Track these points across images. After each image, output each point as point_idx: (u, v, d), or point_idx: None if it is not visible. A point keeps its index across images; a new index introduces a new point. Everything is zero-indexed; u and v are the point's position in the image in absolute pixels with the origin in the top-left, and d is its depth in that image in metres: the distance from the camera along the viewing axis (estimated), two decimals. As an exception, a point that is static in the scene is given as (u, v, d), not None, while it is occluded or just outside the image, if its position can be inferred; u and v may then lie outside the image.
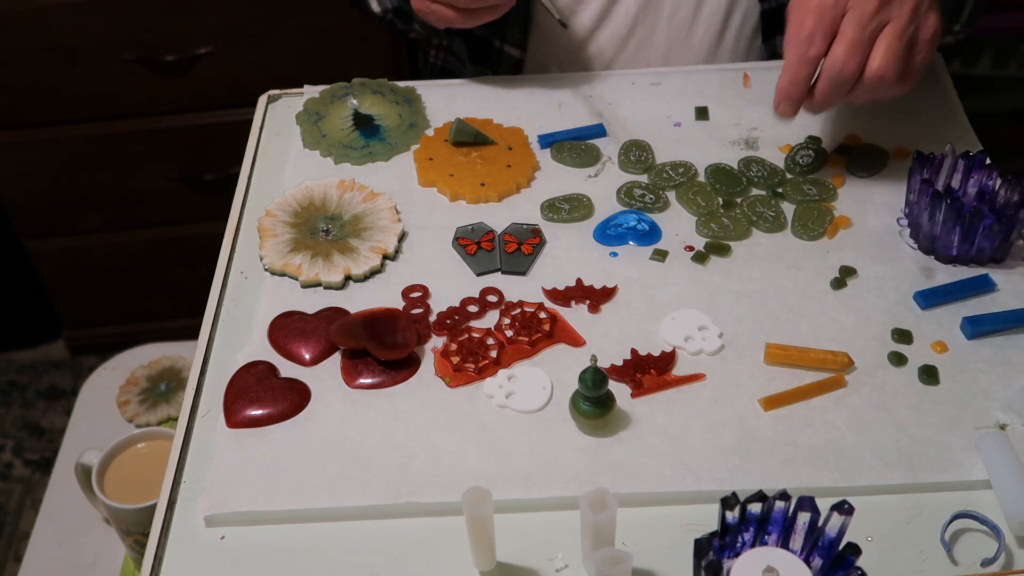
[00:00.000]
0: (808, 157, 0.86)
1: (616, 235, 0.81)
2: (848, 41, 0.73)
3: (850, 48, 0.73)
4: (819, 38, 0.74)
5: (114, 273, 1.87)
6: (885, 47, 0.73)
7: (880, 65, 0.73)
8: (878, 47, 0.74)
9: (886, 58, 0.73)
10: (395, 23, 1.01)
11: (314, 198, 0.84)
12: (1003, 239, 0.76)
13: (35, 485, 1.81)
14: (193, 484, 0.66)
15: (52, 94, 1.64)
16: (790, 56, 0.76)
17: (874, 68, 0.74)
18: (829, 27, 0.74)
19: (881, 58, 0.73)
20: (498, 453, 0.66)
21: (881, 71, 0.74)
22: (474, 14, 0.86)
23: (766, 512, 0.56)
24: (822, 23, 0.74)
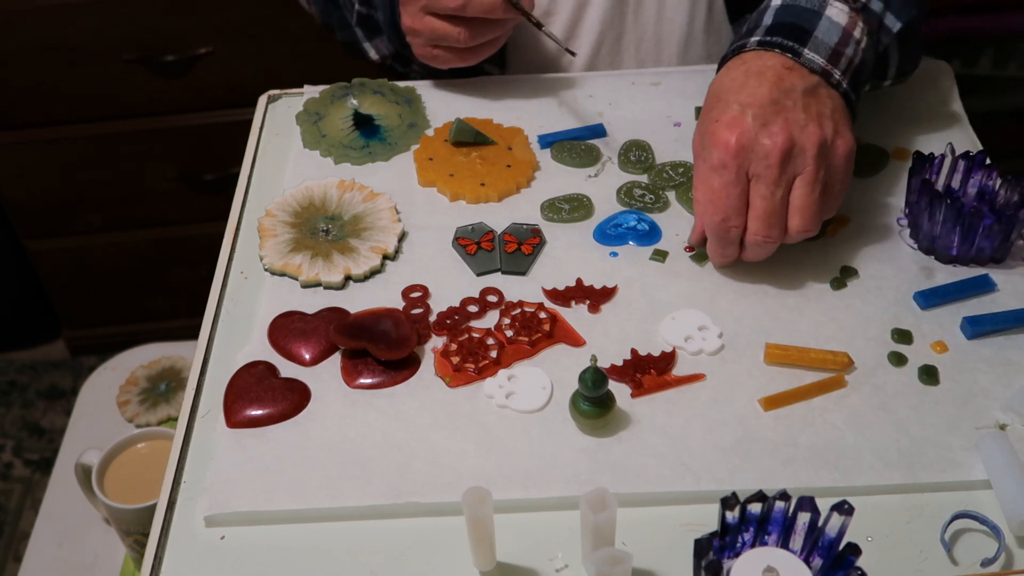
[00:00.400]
0: None
1: (616, 235, 0.81)
2: (761, 216, 0.72)
3: (766, 222, 0.72)
4: (735, 218, 0.73)
5: (114, 273, 1.87)
6: (800, 206, 0.72)
7: (799, 225, 0.72)
8: (793, 208, 0.72)
9: (804, 217, 0.72)
10: (395, 67, 1.01)
11: (314, 198, 0.84)
12: (1003, 239, 0.76)
13: (35, 485, 1.81)
14: (193, 484, 0.66)
15: (52, 94, 1.64)
16: (711, 239, 0.75)
17: (795, 228, 0.73)
18: (738, 202, 0.72)
19: (799, 219, 0.72)
20: (498, 453, 0.66)
21: (801, 228, 0.73)
22: (475, 51, 0.87)
23: (766, 512, 0.56)
24: (729, 201, 0.72)
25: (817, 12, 0.77)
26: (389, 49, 0.98)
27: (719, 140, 0.72)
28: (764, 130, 0.71)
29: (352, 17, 0.97)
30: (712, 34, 0.99)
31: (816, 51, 0.75)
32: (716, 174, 0.72)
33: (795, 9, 0.78)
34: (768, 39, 0.76)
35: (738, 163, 0.71)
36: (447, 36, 0.85)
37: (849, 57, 0.76)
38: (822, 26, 0.76)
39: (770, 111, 0.72)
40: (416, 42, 0.88)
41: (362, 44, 0.99)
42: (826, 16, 0.77)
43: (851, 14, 0.77)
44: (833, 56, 0.76)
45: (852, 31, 0.77)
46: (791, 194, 0.72)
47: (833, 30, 0.76)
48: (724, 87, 0.75)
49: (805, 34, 0.76)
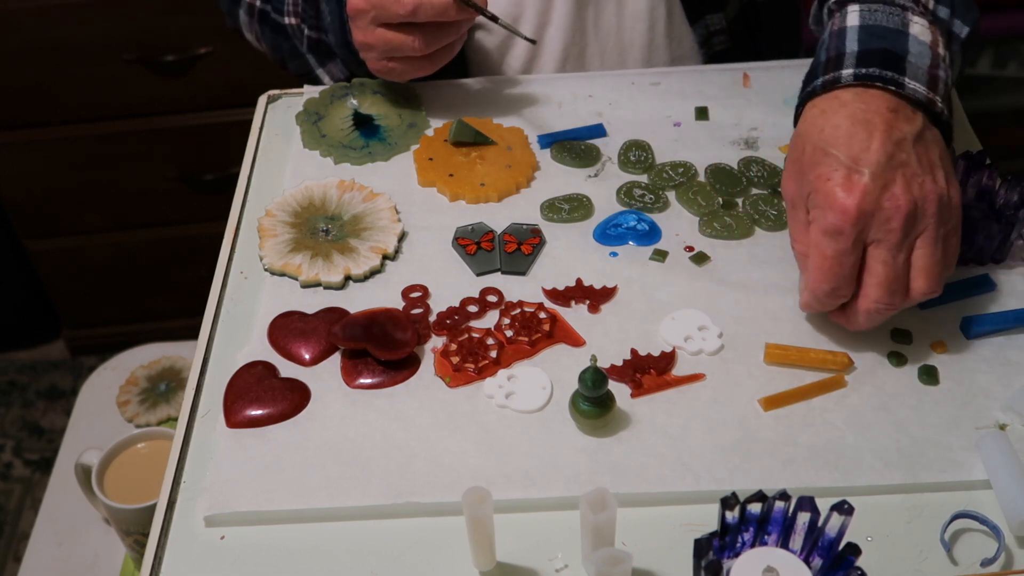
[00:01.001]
0: None
1: (616, 235, 0.81)
2: (883, 284, 0.66)
3: (888, 290, 0.67)
4: (844, 287, 0.67)
5: (114, 273, 1.87)
6: (923, 266, 0.67)
7: (923, 287, 0.67)
8: (916, 269, 0.67)
9: (928, 278, 0.67)
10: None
11: (314, 198, 0.84)
12: (1003, 239, 0.76)
13: (35, 485, 1.81)
14: (193, 484, 0.66)
15: (52, 94, 1.65)
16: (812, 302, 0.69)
17: (919, 291, 0.67)
18: (852, 272, 0.67)
19: (923, 280, 0.67)
20: (498, 453, 0.66)
21: (926, 290, 0.67)
22: (432, 59, 0.84)
23: (766, 512, 0.56)
24: (842, 271, 0.66)
25: (903, 32, 0.71)
26: (344, 73, 0.96)
27: (836, 203, 0.66)
28: (885, 192, 0.66)
29: (303, 44, 0.95)
30: (674, 39, 0.98)
31: (916, 79, 0.69)
32: (831, 240, 0.66)
33: (880, 31, 0.71)
34: (864, 71, 0.70)
35: (857, 230, 0.66)
36: (401, 46, 0.82)
37: (944, 80, 0.71)
38: (913, 48, 0.70)
39: (888, 169, 0.66)
40: (370, 56, 0.85)
41: (315, 71, 0.97)
42: (912, 36, 0.71)
43: (931, 27, 0.72)
44: (932, 82, 0.70)
45: (937, 48, 0.71)
46: (912, 255, 0.67)
47: (924, 51, 0.71)
48: (827, 138, 0.68)
49: (900, 60, 0.70)
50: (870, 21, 0.73)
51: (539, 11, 0.95)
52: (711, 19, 0.96)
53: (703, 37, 0.98)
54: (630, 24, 0.97)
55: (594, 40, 0.97)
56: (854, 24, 0.73)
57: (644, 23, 0.97)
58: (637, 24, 0.97)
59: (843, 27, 0.74)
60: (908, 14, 0.72)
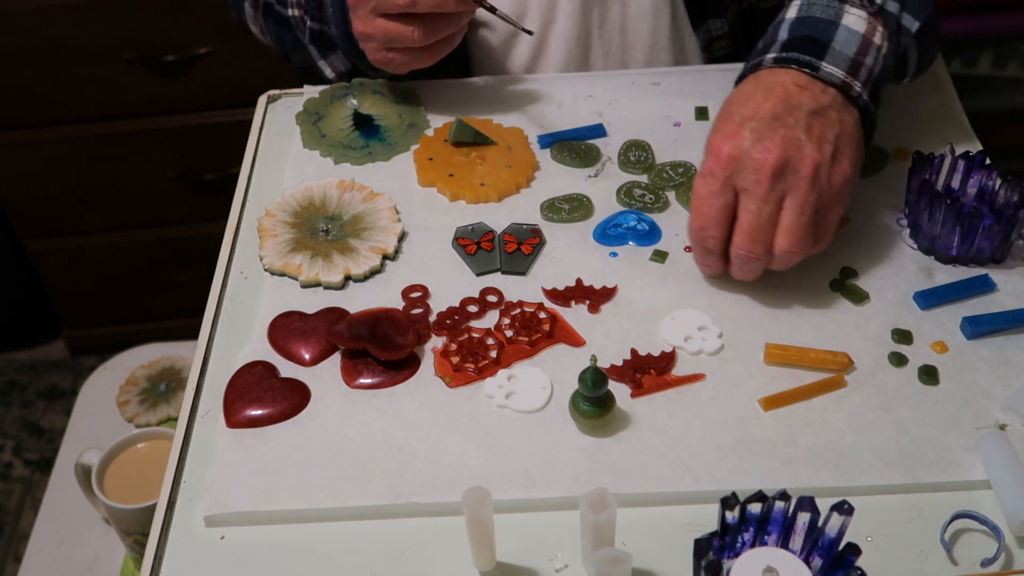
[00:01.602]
0: None
1: (616, 235, 0.81)
2: (745, 231, 0.70)
3: (749, 237, 0.70)
4: (713, 229, 0.71)
5: (114, 273, 1.87)
6: (787, 226, 0.70)
7: (784, 245, 0.70)
8: (780, 227, 0.70)
9: (790, 238, 0.70)
10: None
11: (314, 198, 0.84)
12: (1003, 239, 0.76)
13: (35, 485, 1.81)
14: (193, 484, 0.66)
15: (52, 94, 1.64)
16: (692, 246, 0.75)
17: (780, 248, 0.70)
18: (719, 214, 0.71)
19: (785, 239, 0.70)
20: (498, 453, 0.66)
21: (787, 248, 0.70)
22: (431, 51, 0.84)
23: (766, 512, 0.56)
24: (709, 211, 0.71)
25: (833, 22, 0.75)
26: (345, 65, 0.96)
27: (712, 148, 0.71)
28: (758, 144, 0.70)
29: (305, 35, 0.95)
30: (676, 42, 0.98)
31: (835, 64, 0.73)
32: (703, 180, 0.71)
33: (810, 21, 0.76)
34: (784, 55, 0.74)
35: (726, 173, 0.70)
36: (400, 37, 0.82)
37: (869, 67, 0.74)
38: (839, 36, 0.74)
39: (768, 126, 0.70)
40: (370, 47, 0.85)
41: (317, 63, 0.97)
42: (843, 25, 0.75)
43: (870, 19, 0.75)
44: (852, 67, 0.74)
45: (872, 37, 0.75)
46: (780, 214, 0.70)
47: (852, 39, 0.74)
48: (731, 101, 0.74)
49: (822, 47, 0.74)
50: (805, 13, 0.77)
51: (544, 10, 0.95)
52: (713, 24, 0.97)
53: (705, 42, 0.98)
54: (634, 26, 0.97)
55: (598, 41, 0.97)
56: (791, 16, 0.78)
57: (648, 25, 0.97)
58: (641, 26, 0.97)
59: (782, 19, 0.79)
60: (846, 6, 0.76)
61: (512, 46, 0.97)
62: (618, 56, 0.98)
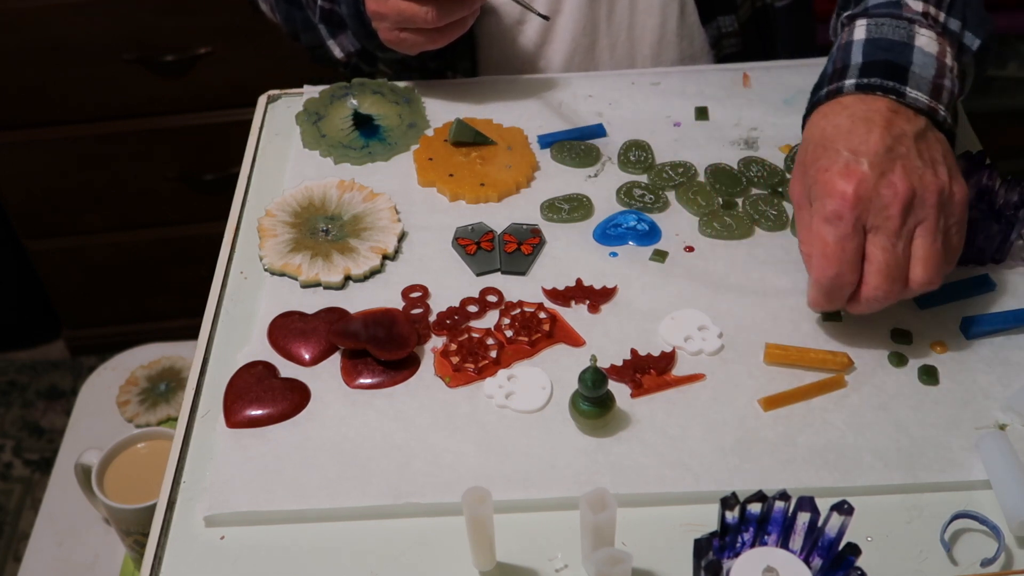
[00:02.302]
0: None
1: (616, 235, 0.81)
2: (882, 270, 0.67)
3: (887, 276, 0.67)
4: (848, 273, 0.67)
5: (114, 273, 1.87)
6: (923, 256, 0.67)
7: (922, 276, 0.67)
8: (916, 258, 0.67)
9: (927, 268, 0.67)
10: (360, 66, 0.99)
11: (314, 198, 0.84)
12: (1003, 239, 0.76)
13: (35, 485, 1.81)
14: (193, 484, 0.66)
15: (52, 94, 1.64)
16: (818, 294, 0.69)
17: (917, 280, 0.67)
18: (854, 257, 0.67)
19: (922, 270, 0.67)
20: (498, 453, 0.66)
21: (925, 280, 0.67)
22: (443, 32, 0.85)
23: (766, 512, 0.56)
24: (844, 256, 0.67)
25: (908, 44, 0.73)
26: (354, 45, 0.96)
27: (834, 190, 0.67)
28: (883, 179, 0.67)
29: (315, 14, 0.95)
30: (685, 37, 0.98)
31: (918, 89, 0.71)
32: (831, 226, 0.67)
33: (885, 43, 0.74)
34: (866, 81, 0.72)
35: (856, 215, 0.66)
36: (414, 17, 0.82)
37: (949, 89, 0.73)
38: (917, 59, 0.72)
39: (886, 159, 0.67)
40: (382, 26, 0.86)
41: (326, 42, 0.97)
42: (918, 48, 0.73)
43: (939, 40, 0.74)
44: (935, 91, 0.72)
45: (945, 59, 0.73)
46: (912, 244, 0.67)
47: (928, 63, 0.72)
48: (828, 135, 0.70)
49: (901, 71, 0.72)
50: (876, 35, 0.75)
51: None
52: (723, 21, 0.97)
53: (714, 38, 0.98)
54: (642, 20, 0.97)
55: (605, 33, 0.97)
56: (860, 38, 0.75)
57: (656, 19, 0.97)
58: (649, 20, 0.97)
59: (850, 40, 0.76)
60: (915, 26, 0.74)
61: (518, 33, 0.97)
62: (625, 48, 0.98)
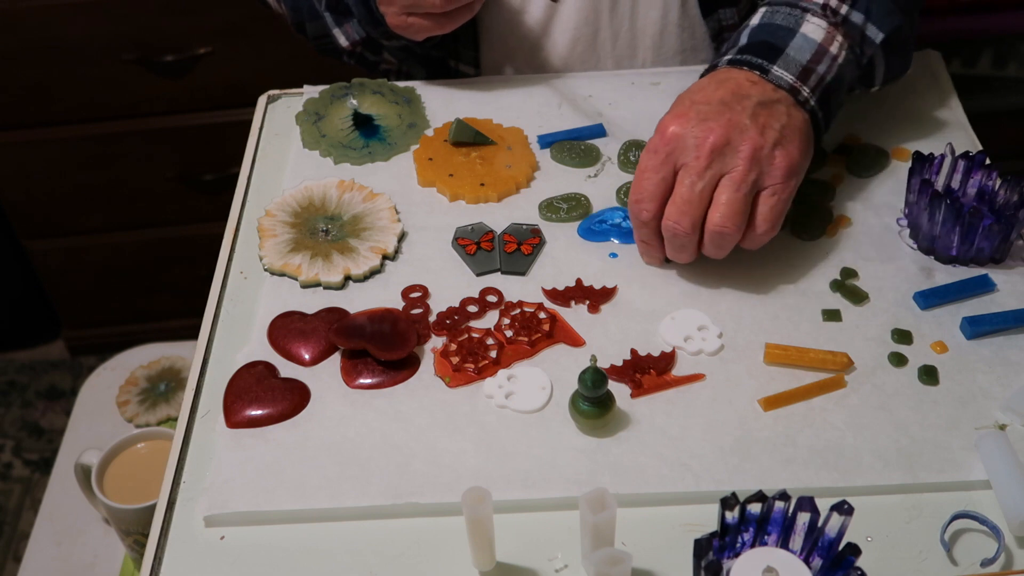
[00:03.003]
0: None
1: (600, 231, 0.81)
2: (675, 202, 0.72)
3: (679, 208, 0.72)
4: (648, 202, 0.73)
5: (114, 273, 1.87)
6: (722, 201, 0.71)
7: (717, 220, 0.71)
8: (715, 203, 0.71)
9: (723, 213, 0.71)
10: (365, 55, 1.00)
11: (314, 198, 0.84)
12: (1003, 239, 0.76)
13: (35, 485, 1.81)
14: (193, 484, 0.66)
15: (52, 94, 1.64)
16: (632, 222, 0.76)
17: (711, 224, 0.71)
18: (655, 189, 0.73)
19: (718, 213, 0.71)
20: (498, 453, 0.66)
21: (718, 226, 0.71)
22: (450, 17, 0.86)
23: (766, 512, 0.56)
24: (645, 184, 0.73)
25: (792, 29, 0.78)
26: (360, 34, 0.96)
27: (660, 127, 0.74)
28: (702, 124, 0.72)
29: (321, 3, 0.96)
30: (686, 29, 0.99)
31: (785, 68, 0.76)
32: (646, 155, 0.74)
33: (770, 27, 0.79)
34: (738, 57, 0.77)
35: (668, 150, 0.72)
36: (422, 1, 0.84)
37: (821, 74, 0.77)
38: (795, 43, 0.77)
39: (715, 109, 0.73)
40: (390, 11, 0.87)
41: (332, 31, 0.97)
42: (801, 33, 0.77)
43: (829, 29, 0.78)
44: (803, 73, 0.76)
45: (828, 47, 0.77)
46: (716, 190, 0.72)
47: (807, 47, 0.77)
48: (685, 91, 0.77)
49: (776, 52, 0.77)
50: (766, 20, 0.80)
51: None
52: (724, 13, 0.97)
53: (715, 31, 0.98)
54: (644, 11, 0.97)
55: (608, 24, 0.97)
56: (754, 23, 0.81)
57: (658, 11, 0.97)
58: (651, 11, 0.97)
59: (745, 25, 0.82)
60: (807, 15, 0.79)
61: (521, 22, 0.97)
62: (627, 39, 0.98)
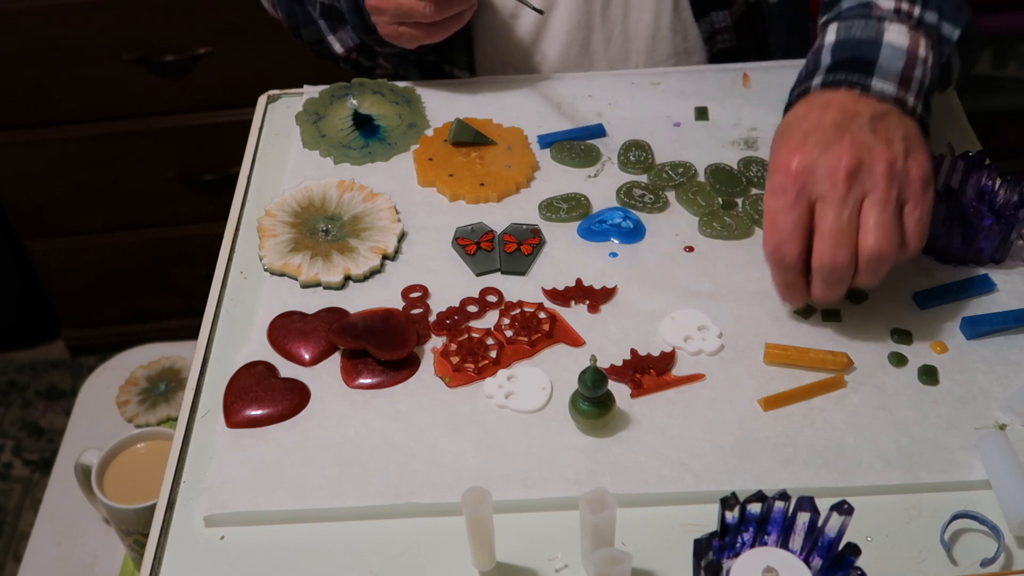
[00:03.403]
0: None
1: (600, 231, 0.81)
2: (825, 238, 0.67)
3: (832, 242, 0.66)
4: (789, 244, 0.68)
5: (114, 273, 1.87)
6: (872, 223, 0.66)
7: (873, 243, 0.66)
8: (864, 227, 0.66)
9: (877, 235, 0.66)
10: (359, 61, 1.00)
11: (314, 198, 0.84)
12: (1003, 239, 0.76)
13: (35, 485, 1.81)
14: (193, 484, 0.66)
15: (52, 94, 1.64)
16: (772, 270, 0.71)
17: (868, 249, 0.66)
18: (794, 228, 0.67)
19: (872, 236, 0.66)
20: (498, 453, 0.66)
21: (876, 250, 0.66)
22: (441, 26, 0.86)
23: (766, 512, 0.56)
24: (784, 225, 0.68)
25: (876, 40, 0.73)
26: (354, 40, 0.97)
27: (779, 165, 0.68)
28: (828, 151, 0.67)
29: (316, 9, 0.96)
30: (678, 32, 0.99)
31: (885, 80, 0.71)
32: (773, 197, 0.68)
33: (852, 43, 0.74)
34: (831, 78, 0.72)
35: (798, 186, 0.67)
36: (412, 11, 0.83)
37: (919, 79, 0.73)
38: (884, 53, 0.73)
39: (833, 134, 0.68)
40: (381, 20, 0.87)
41: (327, 37, 0.98)
42: (886, 42, 0.73)
43: (911, 33, 0.74)
44: (903, 82, 0.72)
45: (917, 51, 0.73)
46: (861, 214, 0.67)
47: (897, 55, 0.72)
48: (786, 123, 0.72)
49: (869, 65, 0.72)
50: (843, 36, 0.75)
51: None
52: (716, 16, 0.97)
53: (708, 33, 0.98)
54: (636, 14, 0.97)
55: (600, 28, 0.97)
56: (831, 41, 0.76)
57: (650, 14, 0.97)
58: (643, 15, 0.97)
59: (821, 44, 0.77)
60: (884, 23, 0.74)
61: (514, 28, 0.97)
62: (620, 43, 0.98)
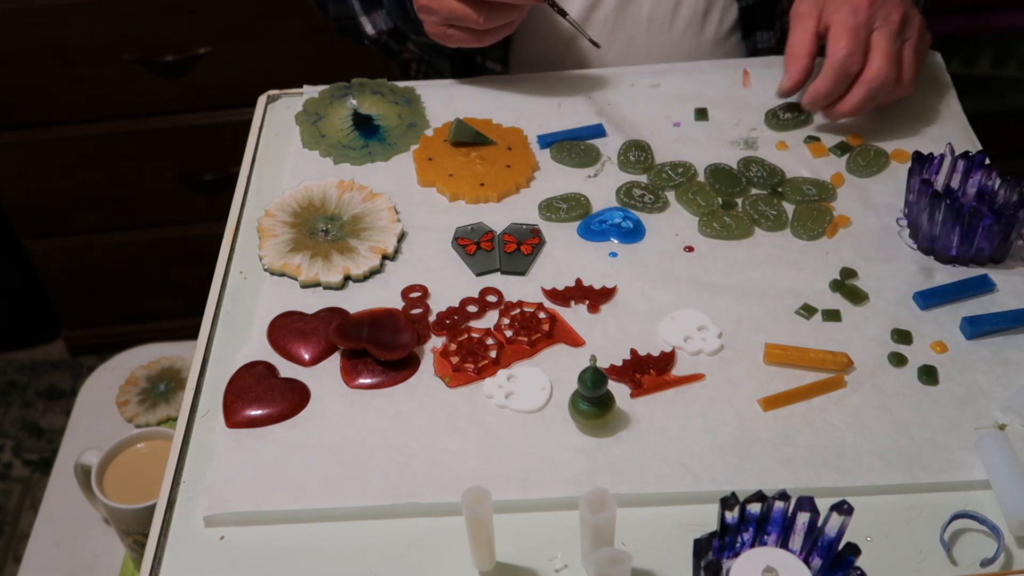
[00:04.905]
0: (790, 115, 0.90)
1: (600, 231, 0.81)
2: (886, 54, 0.83)
3: (888, 60, 0.83)
4: (859, 53, 0.83)
5: (114, 273, 1.87)
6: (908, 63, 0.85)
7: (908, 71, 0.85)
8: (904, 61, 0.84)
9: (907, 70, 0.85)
10: (389, 44, 1.00)
11: (313, 198, 0.84)
12: (1002, 239, 0.76)
13: (34, 485, 1.81)
14: (192, 484, 0.66)
15: (52, 94, 1.64)
16: (829, 73, 0.84)
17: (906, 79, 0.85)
18: (866, 44, 0.83)
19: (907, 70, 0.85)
20: (498, 453, 0.66)
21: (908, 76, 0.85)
22: (490, 34, 0.86)
23: (765, 512, 0.56)
24: (859, 39, 0.83)
25: None
26: (387, 24, 0.96)
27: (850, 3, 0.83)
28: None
29: None
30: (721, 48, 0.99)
31: None
32: (853, 16, 0.83)
33: None
34: None
35: (870, 12, 0.83)
36: (464, 17, 0.84)
37: None
38: None
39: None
40: (430, 20, 0.87)
41: (358, 18, 0.97)
42: None
43: None
44: None
45: None
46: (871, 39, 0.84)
47: None
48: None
49: None
50: None
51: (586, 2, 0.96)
52: (760, 36, 0.99)
53: (750, 53, 1.00)
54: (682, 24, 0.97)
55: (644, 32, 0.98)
56: None
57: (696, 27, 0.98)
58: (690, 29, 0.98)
59: None
60: None
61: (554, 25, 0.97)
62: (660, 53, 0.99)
